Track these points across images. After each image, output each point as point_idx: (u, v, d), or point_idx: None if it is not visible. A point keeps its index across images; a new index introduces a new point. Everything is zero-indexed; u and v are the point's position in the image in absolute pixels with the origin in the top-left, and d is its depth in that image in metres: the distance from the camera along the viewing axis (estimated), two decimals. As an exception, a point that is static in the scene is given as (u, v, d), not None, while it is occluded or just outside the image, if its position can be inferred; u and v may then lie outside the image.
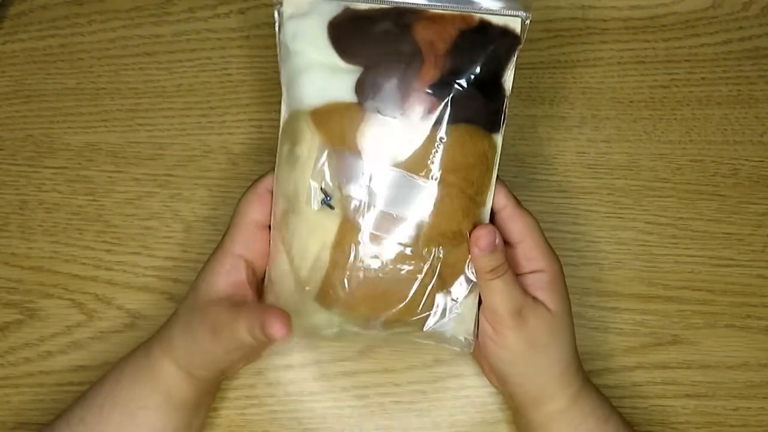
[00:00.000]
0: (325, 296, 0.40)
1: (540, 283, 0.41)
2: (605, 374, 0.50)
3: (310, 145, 0.39)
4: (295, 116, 0.40)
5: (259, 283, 0.42)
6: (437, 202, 0.39)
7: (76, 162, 0.53)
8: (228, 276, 0.40)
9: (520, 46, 0.39)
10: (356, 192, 0.39)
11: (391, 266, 0.39)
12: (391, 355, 0.49)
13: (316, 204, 0.39)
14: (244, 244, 0.40)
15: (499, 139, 0.40)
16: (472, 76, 0.38)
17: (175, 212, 0.52)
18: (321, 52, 0.39)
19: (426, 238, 0.39)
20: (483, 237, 0.38)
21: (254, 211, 0.41)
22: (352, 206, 0.39)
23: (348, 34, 0.39)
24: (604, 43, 0.55)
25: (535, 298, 0.40)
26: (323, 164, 0.39)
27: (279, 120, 0.41)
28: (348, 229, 0.39)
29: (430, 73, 0.38)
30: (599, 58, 0.55)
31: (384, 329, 0.41)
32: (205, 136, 0.53)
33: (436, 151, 0.38)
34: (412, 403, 0.49)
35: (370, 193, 0.39)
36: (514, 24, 0.39)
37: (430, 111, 0.38)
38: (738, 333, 0.50)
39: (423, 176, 0.39)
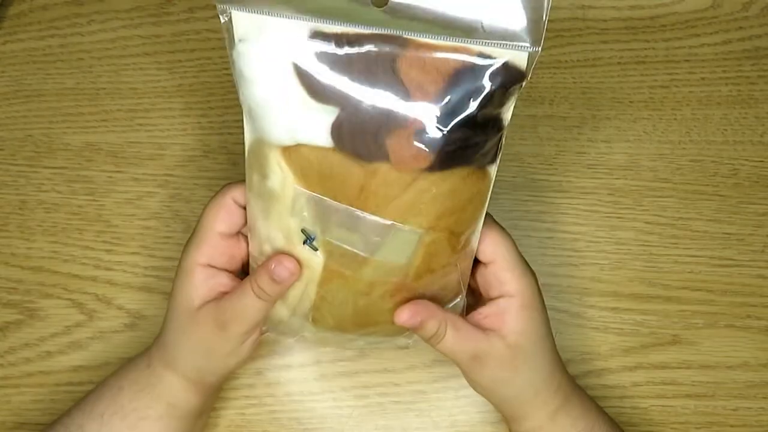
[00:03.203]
0: (314, 321, 0.40)
1: (508, 310, 0.39)
2: (605, 374, 0.50)
3: (284, 183, 0.35)
4: (261, 145, 0.35)
5: (239, 274, 0.41)
6: (427, 246, 0.36)
7: (75, 162, 0.53)
8: (205, 284, 0.39)
9: (526, 82, 0.33)
10: (339, 238, 0.35)
11: (380, 299, 0.38)
12: (391, 355, 0.49)
13: (298, 245, 0.36)
14: (211, 256, 0.39)
15: (494, 168, 0.36)
16: (467, 120, 0.32)
17: (175, 212, 0.52)
18: (286, 87, 0.32)
19: (416, 275, 0.37)
20: (405, 322, 0.37)
21: (220, 223, 0.39)
22: (336, 250, 0.36)
23: (319, 71, 0.32)
24: (604, 43, 0.55)
25: (495, 330, 0.39)
26: (301, 207, 0.35)
27: None
28: (333, 270, 0.37)
29: (418, 119, 0.32)
30: (599, 58, 0.55)
31: (369, 342, 0.42)
32: (205, 136, 0.53)
33: (427, 200, 0.34)
34: (412, 403, 0.49)
35: (355, 242, 0.35)
36: (520, 60, 0.32)
37: (418, 160, 0.33)
38: (738, 333, 0.50)
39: (412, 226, 0.35)
